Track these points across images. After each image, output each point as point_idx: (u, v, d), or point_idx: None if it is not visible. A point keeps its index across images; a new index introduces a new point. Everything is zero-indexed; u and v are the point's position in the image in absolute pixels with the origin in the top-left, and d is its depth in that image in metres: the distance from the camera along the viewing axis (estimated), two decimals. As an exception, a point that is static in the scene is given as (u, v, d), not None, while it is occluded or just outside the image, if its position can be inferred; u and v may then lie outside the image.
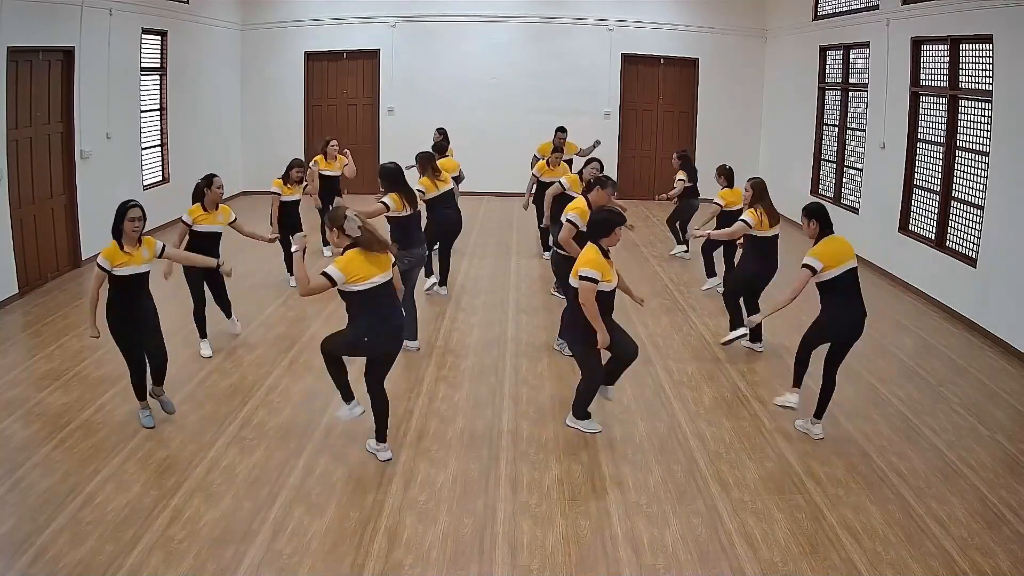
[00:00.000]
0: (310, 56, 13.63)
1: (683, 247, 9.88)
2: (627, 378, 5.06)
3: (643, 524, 4.12)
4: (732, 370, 6.24)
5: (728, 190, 7.87)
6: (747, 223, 6.28)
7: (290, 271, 8.14)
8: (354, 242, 4.40)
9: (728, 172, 8.00)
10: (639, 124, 13.92)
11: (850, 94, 10.51)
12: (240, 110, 13.58)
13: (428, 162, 7.52)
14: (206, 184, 6.12)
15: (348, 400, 4.77)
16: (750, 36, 13.46)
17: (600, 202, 5.94)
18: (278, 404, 5.46)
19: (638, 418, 5.32)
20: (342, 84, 13.82)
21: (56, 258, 8.37)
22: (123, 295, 4.85)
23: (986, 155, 7.30)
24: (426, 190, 7.38)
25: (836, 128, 10.87)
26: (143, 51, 10.15)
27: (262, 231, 6.40)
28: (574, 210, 6.02)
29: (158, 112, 10.74)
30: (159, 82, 10.72)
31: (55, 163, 8.30)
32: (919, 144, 8.63)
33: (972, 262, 7.51)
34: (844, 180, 10.62)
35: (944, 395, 5.86)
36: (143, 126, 10.27)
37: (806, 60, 11.66)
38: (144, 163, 10.29)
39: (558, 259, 6.36)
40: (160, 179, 10.71)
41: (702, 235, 6.89)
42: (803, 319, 5.48)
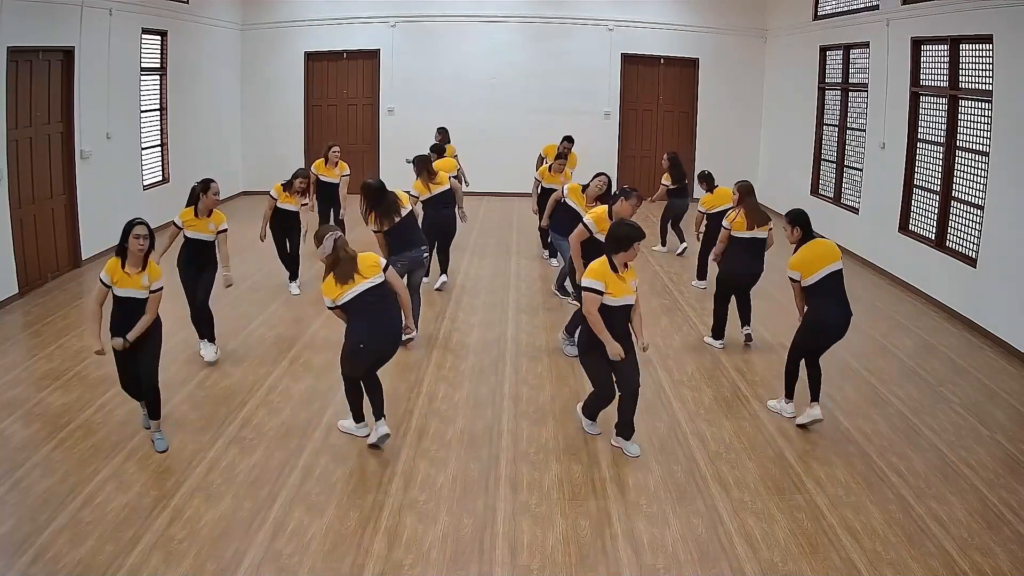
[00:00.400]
0: (310, 56, 13.63)
1: (683, 243, 10.08)
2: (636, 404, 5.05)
3: (643, 524, 4.12)
4: (732, 370, 6.24)
5: (709, 194, 8.20)
6: (723, 227, 6.61)
7: (290, 272, 8.14)
8: (331, 260, 4.67)
9: (708, 177, 8.41)
10: (639, 124, 13.92)
11: (850, 94, 10.51)
12: (240, 110, 13.57)
13: (423, 165, 7.72)
14: (203, 189, 5.97)
15: (357, 420, 5.01)
16: (750, 36, 13.46)
17: (624, 213, 5.89)
18: (278, 404, 5.46)
19: (638, 419, 5.29)
20: (342, 84, 13.82)
21: (56, 258, 8.37)
22: (120, 314, 4.71)
23: (986, 155, 7.30)
24: (418, 194, 7.58)
25: (836, 128, 10.86)
26: (143, 51, 10.15)
27: (230, 264, 6.19)
28: (592, 215, 6.11)
29: (158, 112, 10.74)
30: (159, 82, 10.72)
31: (55, 163, 8.30)
32: (919, 144, 8.63)
33: (972, 262, 7.51)
34: (844, 180, 10.61)
35: (944, 395, 5.86)
36: (143, 126, 10.27)
37: (806, 60, 11.66)
38: (144, 163, 10.29)
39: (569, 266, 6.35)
40: (160, 179, 10.71)
41: (716, 260, 6.90)
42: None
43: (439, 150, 9.66)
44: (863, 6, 10.00)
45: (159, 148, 10.80)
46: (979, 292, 7.35)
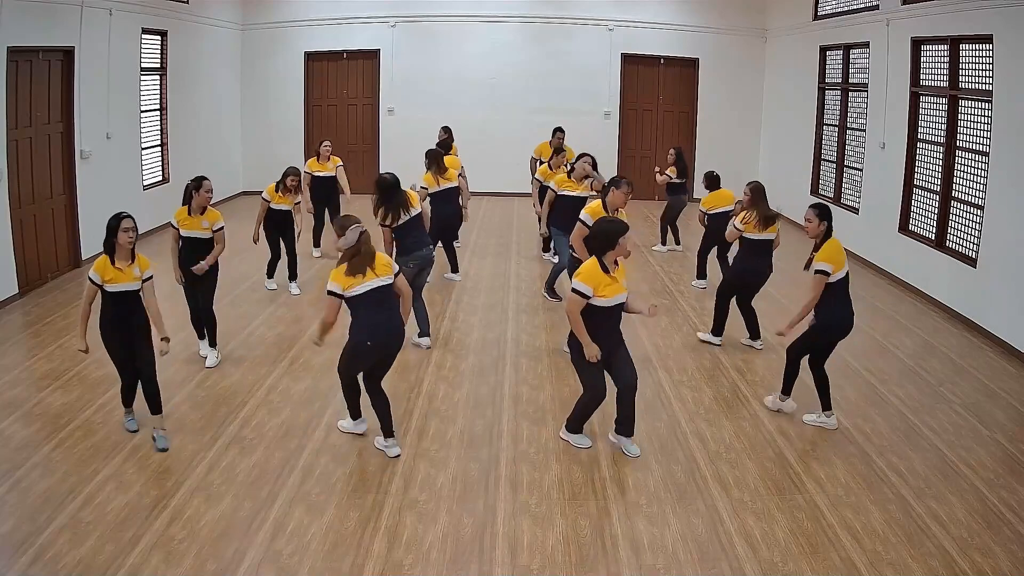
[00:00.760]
0: (310, 56, 13.63)
1: (678, 246, 10.14)
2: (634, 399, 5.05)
3: (643, 524, 4.12)
4: (732, 370, 6.24)
5: (712, 194, 8.19)
6: (736, 228, 6.51)
7: (270, 275, 8.14)
8: (351, 252, 4.59)
9: (715, 178, 8.35)
10: (639, 124, 13.92)
11: (850, 94, 10.51)
12: (240, 110, 13.57)
13: (435, 159, 7.87)
14: (195, 187, 5.94)
15: (355, 417, 5.04)
16: (750, 36, 13.46)
17: (617, 203, 5.93)
18: (278, 404, 5.46)
19: (638, 419, 5.29)
20: (342, 84, 13.82)
21: (56, 258, 8.37)
22: (113, 311, 4.72)
23: (986, 155, 7.30)
24: (428, 186, 7.63)
25: (836, 128, 10.87)
26: (143, 51, 10.15)
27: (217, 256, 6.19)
28: (588, 210, 6.05)
29: (158, 112, 10.74)
30: (159, 82, 10.72)
31: (55, 163, 8.30)
32: (919, 144, 8.63)
33: (972, 262, 7.51)
34: (844, 180, 10.62)
35: (944, 395, 5.86)
36: (143, 126, 10.27)
37: (806, 60, 11.66)
38: (144, 163, 10.29)
39: (573, 263, 6.29)
40: (160, 179, 10.71)
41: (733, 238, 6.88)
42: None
43: (447, 146, 9.67)
44: (863, 6, 10.00)
45: (159, 148, 10.80)
46: (979, 292, 7.35)
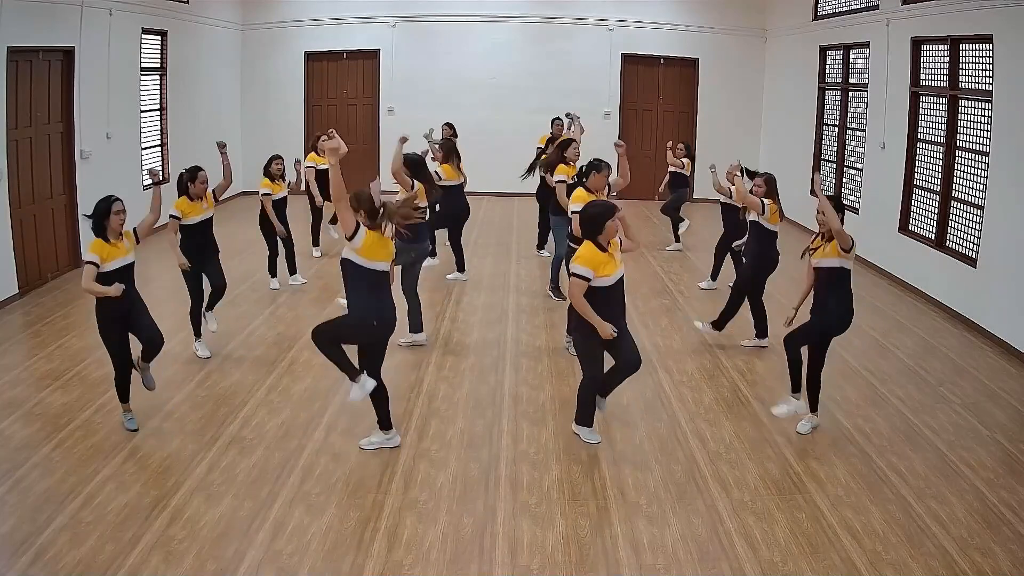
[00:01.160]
0: (310, 56, 13.63)
1: (678, 243, 10.13)
2: (627, 378, 5.05)
3: (643, 524, 4.12)
4: (732, 370, 6.24)
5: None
6: (763, 204, 6.30)
7: (273, 273, 8.16)
8: (373, 220, 4.48)
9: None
10: (639, 124, 13.91)
11: (850, 94, 10.51)
12: (240, 110, 13.57)
13: (453, 150, 8.01)
14: (190, 178, 6.10)
15: (356, 376, 4.59)
16: (750, 36, 13.46)
17: (598, 186, 6.00)
18: (278, 404, 5.46)
19: (638, 418, 5.32)
20: (342, 84, 13.82)
21: (56, 258, 8.37)
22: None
23: (986, 155, 7.30)
24: (446, 176, 7.81)
25: (836, 128, 10.86)
26: (143, 51, 10.15)
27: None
28: (576, 200, 6.02)
29: (158, 112, 10.74)
30: (159, 82, 10.72)
31: (55, 163, 8.30)
32: (919, 144, 8.63)
33: (972, 262, 7.51)
34: (844, 180, 10.62)
35: (944, 395, 5.86)
36: (143, 126, 10.27)
37: (806, 60, 11.66)
38: (144, 163, 10.28)
39: (571, 254, 6.28)
40: (160, 179, 10.70)
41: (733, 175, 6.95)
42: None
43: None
44: (863, 6, 10.00)
45: (159, 148, 10.80)
46: (979, 292, 7.35)
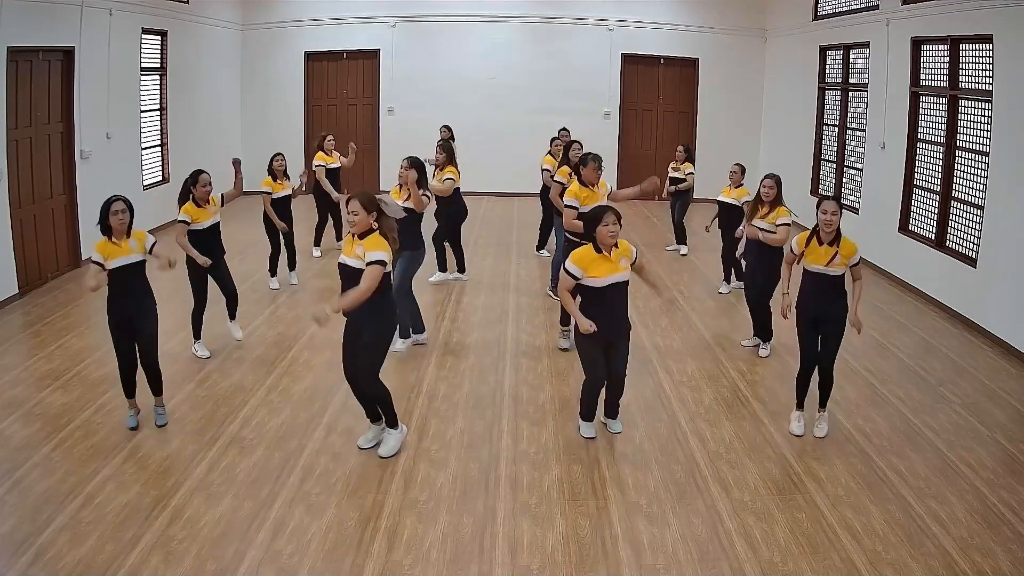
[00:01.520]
0: (310, 56, 13.63)
1: (684, 245, 10.04)
2: (627, 378, 5.05)
3: (643, 524, 4.12)
4: (732, 370, 6.24)
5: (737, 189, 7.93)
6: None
7: (273, 272, 8.17)
8: (380, 225, 4.50)
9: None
10: (639, 124, 13.92)
11: (850, 94, 10.51)
12: (240, 110, 13.57)
13: (454, 153, 7.99)
14: (192, 182, 6.11)
15: (397, 424, 4.86)
16: (750, 36, 13.46)
17: (591, 178, 6.11)
18: (278, 404, 5.46)
19: (638, 418, 5.32)
20: (342, 84, 13.82)
21: (56, 258, 8.37)
22: (118, 288, 4.86)
23: (986, 155, 7.30)
24: (456, 179, 7.84)
25: (836, 128, 10.87)
26: (143, 51, 10.15)
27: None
28: (570, 194, 6.18)
29: (158, 112, 10.74)
30: (159, 82, 10.72)
31: (55, 163, 8.30)
32: (919, 144, 8.63)
33: (972, 262, 7.51)
34: (844, 180, 10.62)
35: (944, 395, 5.86)
36: (143, 126, 10.27)
37: (806, 60, 11.66)
38: (144, 163, 10.30)
39: (569, 246, 6.27)
40: (160, 179, 10.71)
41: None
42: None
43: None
44: (863, 6, 10.00)
45: (159, 148, 10.80)
46: (979, 292, 7.35)
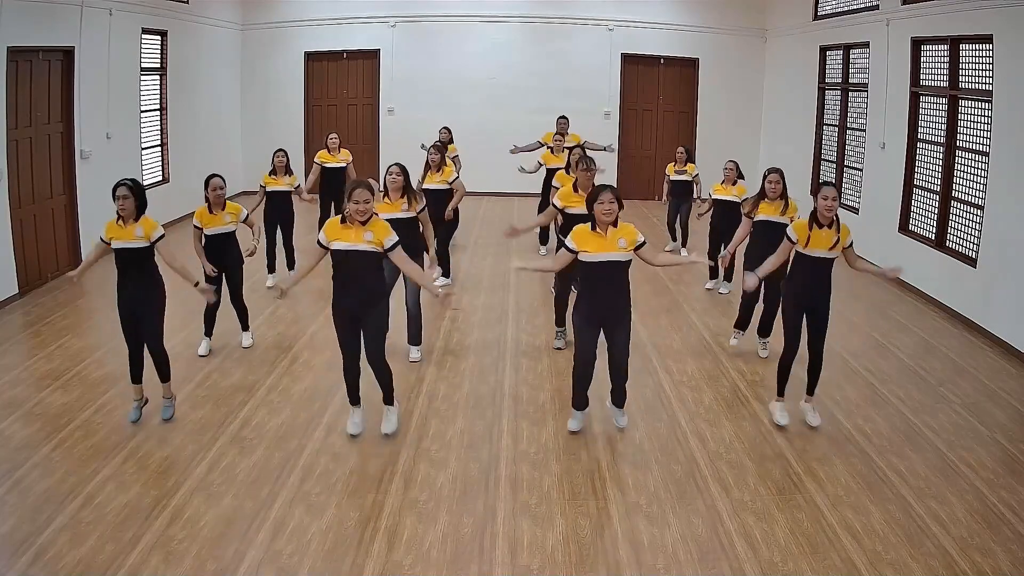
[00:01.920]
0: (310, 56, 13.63)
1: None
2: (627, 378, 5.05)
3: (643, 524, 4.12)
4: (732, 370, 6.24)
5: (733, 187, 7.95)
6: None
7: (270, 270, 8.17)
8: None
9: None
10: (639, 124, 13.92)
11: (850, 94, 10.51)
12: (240, 110, 13.58)
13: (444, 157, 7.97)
14: (204, 186, 6.12)
15: (393, 402, 5.12)
16: (750, 36, 13.46)
17: (584, 183, 6.23)
18: (278, 404, 5.46)
19: (638, 418, 5.32)
20: (342, 84, 13.82)
21: (56, 258, 8.37)
22: (120, 272, 4.96)
23: (986, 155, 7.30)
24: (454, 184, 7.85)
25: (836, 128, 10.87)
26: (143, 51, 10.15)
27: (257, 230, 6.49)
28: (559, 195, 6.44)
29: (158, 112, 10.74)
30: (159, 82, 10.72)
31: (55, 163, 8.30)
32: (919, 144, 8.63)
33: (972, 262, 7.51)
34: (844, 180, 10.62)
35: (944, 395, 5.86)
36: (143, 126, 10.27)
37: (806, 60, 11.65)
38: (144, 163, 10.29)
39: (560, 245, 6.32)
40: (160, 179, 10.72)
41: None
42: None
43: (444, 147, 9.72)
44: (863, 6, 10.00)
45: (159, 148, 10.80)
46: (979, 292, 7.34)
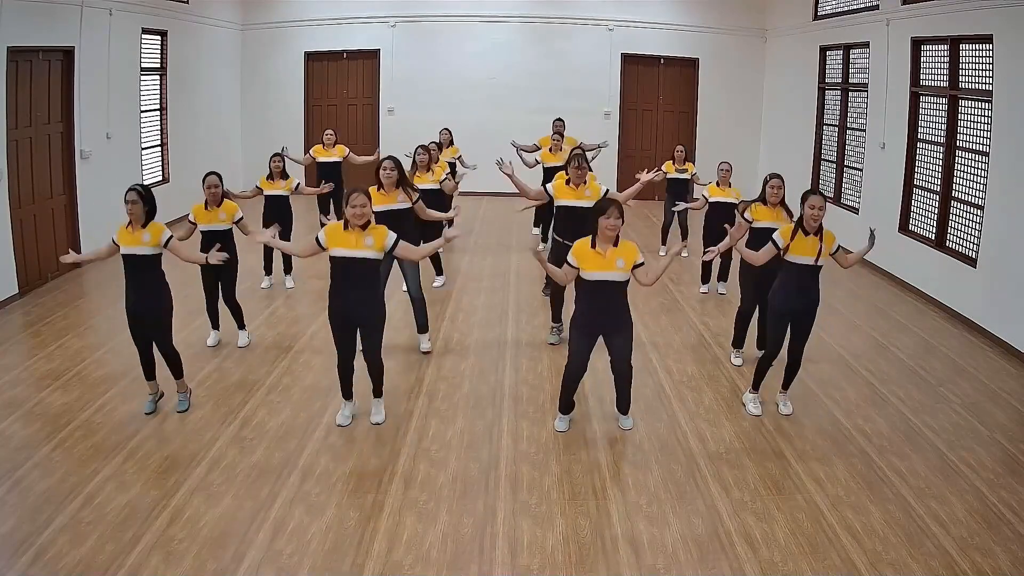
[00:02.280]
0: (310, 56, 13.63)
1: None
2: (625, 384, 5.05)
3: (643, 524, 4.12)
4: (732, 370, 6.24)
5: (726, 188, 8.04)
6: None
7: (267, 271, 8.17)
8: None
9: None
10: (639, 124, 13.92)
11: (850, 94, 10.51)
12: (240, 110, 13.58)
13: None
14: (202, 183, 6.17)
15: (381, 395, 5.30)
16: (750, 36, 13.46)
17: (574, 178, 6.28)
18: (278, 404, 5.46)
19: (638, 418, 5.32)
20: (342, 84, 13.82)
21: (56, 258, 8.32)
22: (127, 276, 5.03)
23: (986, 155, 7.30)
24: (444, 187, 7.94)
25: (836, 128, 10.86)
26: (143, 51, 10.15)
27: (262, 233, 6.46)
28: (552, 184, 6.49)
29: (158, 112, 10.74)
30: (159, 82, 10.72)
31: (55, 163, 8.30)
32: (919, 144, 8.63)
33: (972, 262, 7.51)
34: (844, 180, 10.62)
35: (944, 395, 5.86)
36: (143, 126, 10.27)
37: (806, 60, 11.65)
38: (144, 163, 10.29)
39: (556, 247, 6.32)
40: (160, 179, 10.71)
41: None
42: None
43: (440, 148, 9.78)
44: (863, 6, 10.00)
45: (159, 148, 10.80)
46: (979, 292, 7.35)
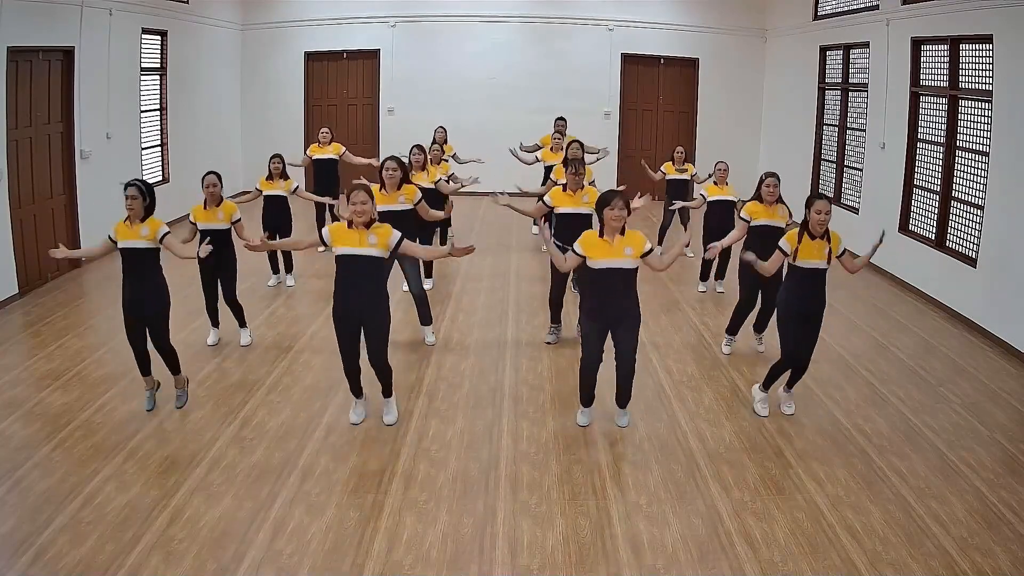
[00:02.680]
0: (310, 56, 13.63)
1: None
2: (627, 380, 5.06)
3: (643, 524, 4.12)
4: (732, 370, 6.24)
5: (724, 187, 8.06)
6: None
7: (274, 270, 8.21)
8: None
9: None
10: (639, 124, 13.92)
11: (850, 94, 10.51)
12: (240, 110, 13.58)
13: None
14: (201, 183, 6.20)
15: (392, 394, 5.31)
16: (750, 36, 13.47)
17: (571, 184, 6.34)
18: (278, 404, 5.46)
19: (638, 418, 5.32)
20: (342, 84, 13.82)
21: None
22: (125, 271, 5.06)
23: (986, 155, 7.30)
24: (440, 188, 7.97)
25: (836, 128, 10.87)
26: (143, 51, 10.15)
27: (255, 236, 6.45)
28: (549, 194, 6.48)
29: (158, 112, 10.74)
30: (159, 82, 10.73)
31: (55, 163, 8.30)
32: (919, 144, 8.63)
33: (972, 262, 7.51)
34: (844, 180, 10.62)
35: (944, 395, 5.86)
36: (143, 126, 10.27)
37: (806, 60, 11.66)
38: (144, 163, 10.29)
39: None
40: (160, 179, 10.72)
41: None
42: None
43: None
44: (863, 6, 10.00)
45: (159, 148, 10.80)
46: (979, 292, 7.35)
